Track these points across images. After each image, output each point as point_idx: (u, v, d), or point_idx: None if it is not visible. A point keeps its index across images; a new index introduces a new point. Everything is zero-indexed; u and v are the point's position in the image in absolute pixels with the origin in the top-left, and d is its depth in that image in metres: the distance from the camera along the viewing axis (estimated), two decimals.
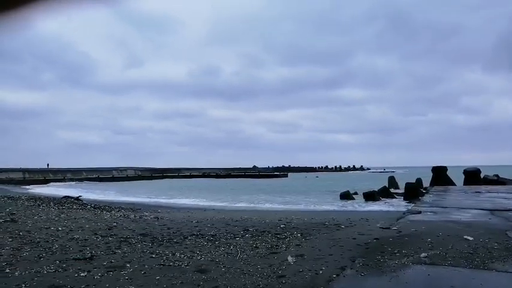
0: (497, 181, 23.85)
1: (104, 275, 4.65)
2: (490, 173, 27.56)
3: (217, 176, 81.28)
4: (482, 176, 25.15)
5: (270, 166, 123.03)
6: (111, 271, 4.83)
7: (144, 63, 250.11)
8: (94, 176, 66.26)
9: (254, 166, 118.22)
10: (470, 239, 6.39)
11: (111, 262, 5.34)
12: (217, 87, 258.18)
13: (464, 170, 25.07)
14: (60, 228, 8.51)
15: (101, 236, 7.62)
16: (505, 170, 31.47)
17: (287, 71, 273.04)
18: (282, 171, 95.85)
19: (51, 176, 61.38)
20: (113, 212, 13.48)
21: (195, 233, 7.93)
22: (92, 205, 16.08)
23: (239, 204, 23.24)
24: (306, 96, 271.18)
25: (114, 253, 5.95)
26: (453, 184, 23.99)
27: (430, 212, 10.39)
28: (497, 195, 14.89)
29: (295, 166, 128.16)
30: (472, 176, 24.29)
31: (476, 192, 16.89)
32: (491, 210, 10.25)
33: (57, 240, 6.96)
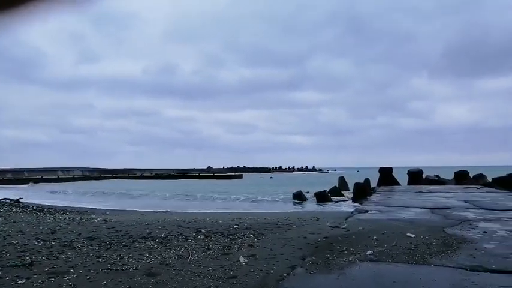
0: (438, 181, 25.46)
1: (44, 282, 4.39)
2: (432, 174, 29.34)
3: (170, 177, 79.52)
4: (424, 176, 26.72)
5: (225, 167, 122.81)
6: (52, 277, 4.57)
7: (98, 59, 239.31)
8: (37, 176, 62.47)
9: (209, 167, 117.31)
10: (412, 236, 6.76)
11: (53, 267, 5.05)
12: (175, 85, 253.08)
13: (408, 171, 26.49)
14: None
15: (43, 240, 7.19)
16: (446, 171, 33.68)
17: (247, 71, 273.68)
18: (237, 172, 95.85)
19: None
20: (56, 214, 12.78)
21: (145, 236, 7.71)
22: (34, 208, 15.16)
23: (192, 206, 22.94)
24: (263, 98, 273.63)
25: (57, 258, 5.64)
26: (398, 184, 25.27)
27: (376, 211, 10.86)
28: (437, 195, 15.89)
29: (250, 167, 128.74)
30: (415, 177, 25.76)
31: (419, 191, 17.93)
32: (432, 209, 10.91)
33: None
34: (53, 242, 6.96)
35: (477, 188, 19.56)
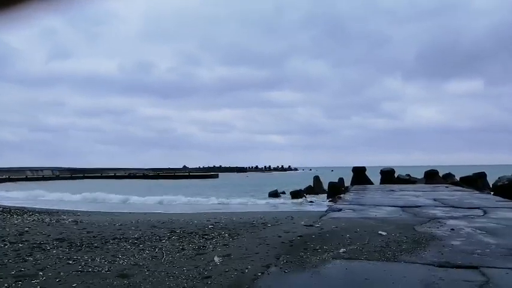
0: (409, 180, 26.18)
1: (10, 286, 4.24)
2: (403, 173, 30.14)
3: (145, 177, 78.13)
4: (396, 175, 27.42)
5: (201, 166, 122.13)
6: (20, 281, 4.42)
7: (71, 55, 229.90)
8: (3, 176, 60.12)
9: (184, 166, 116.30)
10: (384, 234, 6.93)
11: (21, 271, 4.89)
12: (150, 84, 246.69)
13: (380, 170, 27.11)
14: None
15: (10, 242, 6.94)
16: (416, 170, 34.68)
17: (225, 70, 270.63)
18: (213, 172, 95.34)
19: None
20: (25, 215, 12.35)
21: (118, 237, 7.57)
22: (0, 208, 14.57)
23: (166, 207, 22.66)
24: (240, 97, 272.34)
25: (25, 261, 5.46)
26: (371, 183, 25.81)
27: (349, 209, 11.07)
28: (408, 193, 16.34)
29: (226, 166, 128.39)
30: (388, 176, 26.39)
31: (391, 190, 18.38)
32: (403, 207, 11.21)
33: None
34: (20, 244, 6.74)
35: (446, 187, 20.25)
